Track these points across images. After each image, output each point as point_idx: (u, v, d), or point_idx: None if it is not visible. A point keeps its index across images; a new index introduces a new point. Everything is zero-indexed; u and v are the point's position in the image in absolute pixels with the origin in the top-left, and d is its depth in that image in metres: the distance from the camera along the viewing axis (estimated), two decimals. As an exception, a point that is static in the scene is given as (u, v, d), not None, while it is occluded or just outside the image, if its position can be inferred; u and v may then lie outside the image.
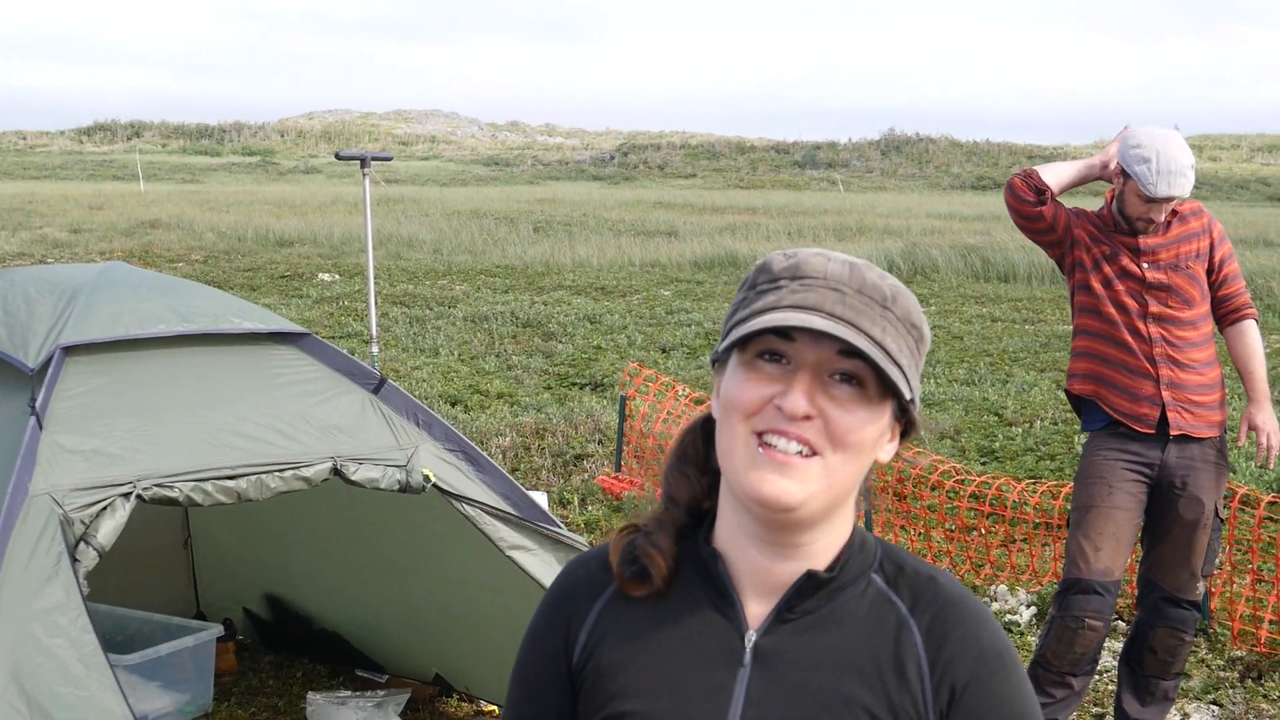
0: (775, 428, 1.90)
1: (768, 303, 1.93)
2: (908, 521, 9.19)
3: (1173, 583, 5.96)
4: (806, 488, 1.91)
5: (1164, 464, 5.83)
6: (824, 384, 1.91)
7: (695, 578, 2.06)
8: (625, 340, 17.77)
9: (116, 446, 4.60)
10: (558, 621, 2.12)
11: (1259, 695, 6.82)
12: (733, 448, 1.94)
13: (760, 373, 1.93)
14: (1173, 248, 5.86)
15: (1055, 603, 5.93)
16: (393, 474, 5.17)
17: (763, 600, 2.02)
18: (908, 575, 2.05)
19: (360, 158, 10.22)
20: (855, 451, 1.93)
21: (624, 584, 2.06)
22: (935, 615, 2.01)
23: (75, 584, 4.21)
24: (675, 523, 2.08)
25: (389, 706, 6.31)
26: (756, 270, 2.01)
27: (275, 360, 5.32)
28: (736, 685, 1.98)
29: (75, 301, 4.99)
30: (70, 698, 4.00)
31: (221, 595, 7.41)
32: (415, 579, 6.49)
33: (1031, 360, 16.67)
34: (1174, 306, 5.83)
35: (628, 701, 2.01)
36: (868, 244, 30.74)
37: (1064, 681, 5.92)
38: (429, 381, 14.56)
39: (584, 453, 11.44)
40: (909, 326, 1.96)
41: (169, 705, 6.32)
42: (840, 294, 1.92)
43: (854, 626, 2.01)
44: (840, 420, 1.91)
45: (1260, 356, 6.01)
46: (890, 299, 1.94)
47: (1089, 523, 5.84)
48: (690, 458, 2.11)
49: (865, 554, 2.05)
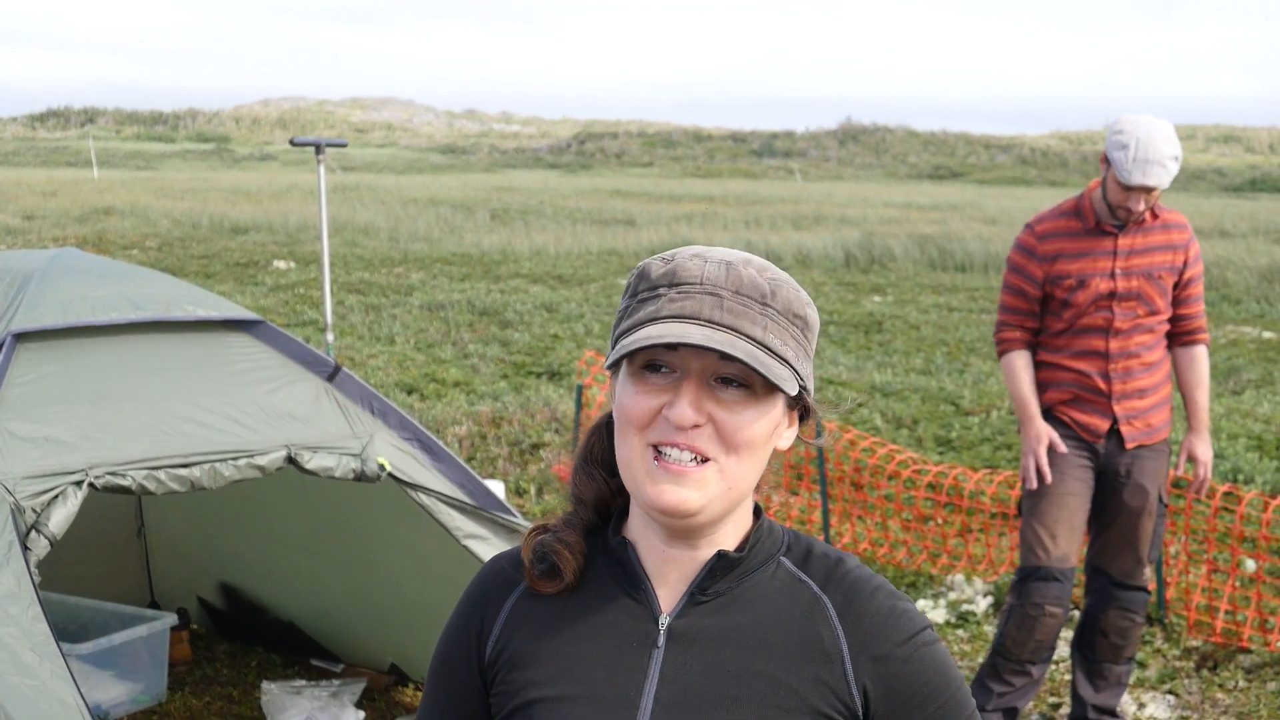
0: (667, 440, 1.94)
1: (648, 313, 1.96)
2: (864, 511, 9.19)
3: (1120, 569, 6.00)
4: (705, 494, 1.95)
5: (1108, 453, 5.86)
6: (710, 389, 1.95)
7: (606, 569, 2.09)
8: (582, 329, 17.74)
9: (69, 434, 4.55)
10: (471, 618, 2.15)
11: (1214, 685, 6.84)
12: (629, 459, 1.98)
13: (648, 384, 1.96)
14: (1150, 254, 5.83)
15: (1014, 591, 5.95)
16: (348, 462, 5.14)
17: (674, 586, 2.05)
18: (816, 557, 2.08)
19: (315, 144, 10.15)
20: (749, 450, 1.97)
21: (534, 582, 2.09)
22: (847, 592, 2.04)
23: (27, 572, 4.16)
24: (583, 521, 2.12)
25: (344, 696, 6.28)
26: (637, 277, 2.03)
27: (229, 348, 5.27)
28: (651, 666, 2.00)
29: (27, 288, 4.94)
30: (22, 687, 3.95)
31: (175, 584, 7.35)
32: (371, 568, 6.46)
33: (989, 350, 16.70)
34: (1140, 315, 5.83)
35: (540, 689, 2.03)
36: (825, 233, 30.78)
37: (1023, 670, 5.93)
38: (385, 370, 14.50)
39: (541, 441, 11.40)
40: (792, 318, 1.98)
41: (123, 695, 6.28)
42: (718, 299, 1.94)
43: (766, 606, 2.03)
44: (729, 423, 1.94)
45: (1206, 385, 6.05)
46: (769, 294, 1.96)
47: (1043, 510, 5.85)
48: (596, 457, 2.14)
49: (774, 538, 2.09)
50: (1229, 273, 23.24)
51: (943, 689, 2.04)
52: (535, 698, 2.02)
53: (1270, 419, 12.53)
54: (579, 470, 2.15)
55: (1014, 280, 5.98)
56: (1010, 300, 6.00)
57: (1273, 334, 18.46)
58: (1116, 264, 5.79)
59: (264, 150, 78.31)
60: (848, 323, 18.78)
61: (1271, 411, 12.92)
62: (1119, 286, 5.78)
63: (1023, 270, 5.94)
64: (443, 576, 5.95)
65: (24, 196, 39.12)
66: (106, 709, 6.15)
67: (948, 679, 2.05)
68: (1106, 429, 5.84)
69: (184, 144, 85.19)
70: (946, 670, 2.05)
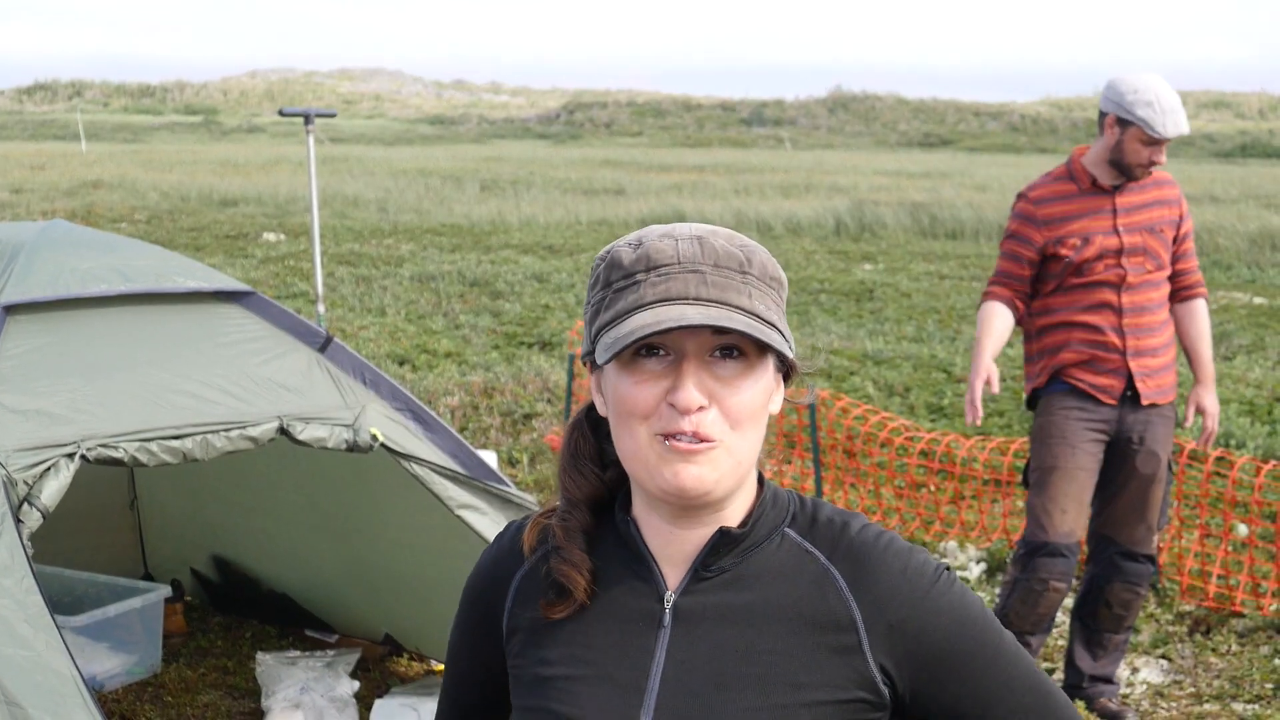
0: (674, 429, 1.92)
1: (630, 302, 1.94)
2: (857, 479, 9.19)
3: (1129, 537, 5.98)
4: (717, 471, 1.94)
5: (1121, 420, 5.85)
6: (708, 365, 1.93)
7: (612, 548, 2.07)
8: (573, 299, 17.71)
9: (60, 406, 4.54)
10: (483, 592, 2.17)
11: (1207, 649, 6.86)
12: (637, 450, 1.96)
13: (644, 371, 1.94)
14: (1148, 209, 5.87)
15: (1018, 565, 5.94)
16: (340, 433, 5.13)
17: (679, 564, 2.04)
18: (821, 525, 2.06)
19: (304, 114, 10.10)
20: (751, 422, 1.97)
21: (546, 610, 2.07)
22: (856, 560, 2.02)
23: (20, 545, 4.16)
24: (583, 527, 2.09)
25: (339, 666, 6.28)
26: (607, 266, 2.00)
27: (220, 319, 5.26)
28: (657, 646, 2.00)
29: (16, 260, 4.92)
30: (17, 659, 3.95)
31: (169, 556, 7.35)
32: (364, 539, 6.45)
33: (979, 317, 16.68)
34: (1148, 269, 5.84)
35: (552, 668, 2.04)
36: (815, 202, 30.74)
37: (1024, 641, 5.95)
38: (376, 341, 14.48)
39: (533, 411, 11.40)
40: (769, 281, 1.98)
41: (117, 667, 6.28)
42: (700, 274, 1.93)
43: (772, 580, 2.02)
44: (732, 400, 1.94)
45: (1208, 338, 6.07)
46: (746, 262, 1.96)
47: (1053, 484, 5.84)
48: (584, 452, 2.12)
49: (778, 508, 2.07)
50: (1220, 238, 23.25)
51: (966, 635, 2.01)
52: (547, 676, 2.03)
53: (1261, 384, 12.55)
54: (568, 470, 2.12)
55: (1010, 246, 5.97)
56: (1004, 265, 6.00)
57: (1264, 299, 18.47)
58: (1118, 221, 5.81)
59: (252, 122, 78.07)
60: (839, 291, 18.76)
61: (1263, 377, 12.94)
62: (1124, 242, 5.79)
63: (1019, 235, 5.93)
64: (436, 547, 5.96)
65: (11, 170, 38.99)
66: (101, 681, 6.15)
67: (970, 622, 2.01)
68: (1121, 389, 5.83)
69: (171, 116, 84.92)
70: (966, 612, 2.02)
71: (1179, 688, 6.49)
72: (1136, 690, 6.46)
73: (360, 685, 6.21)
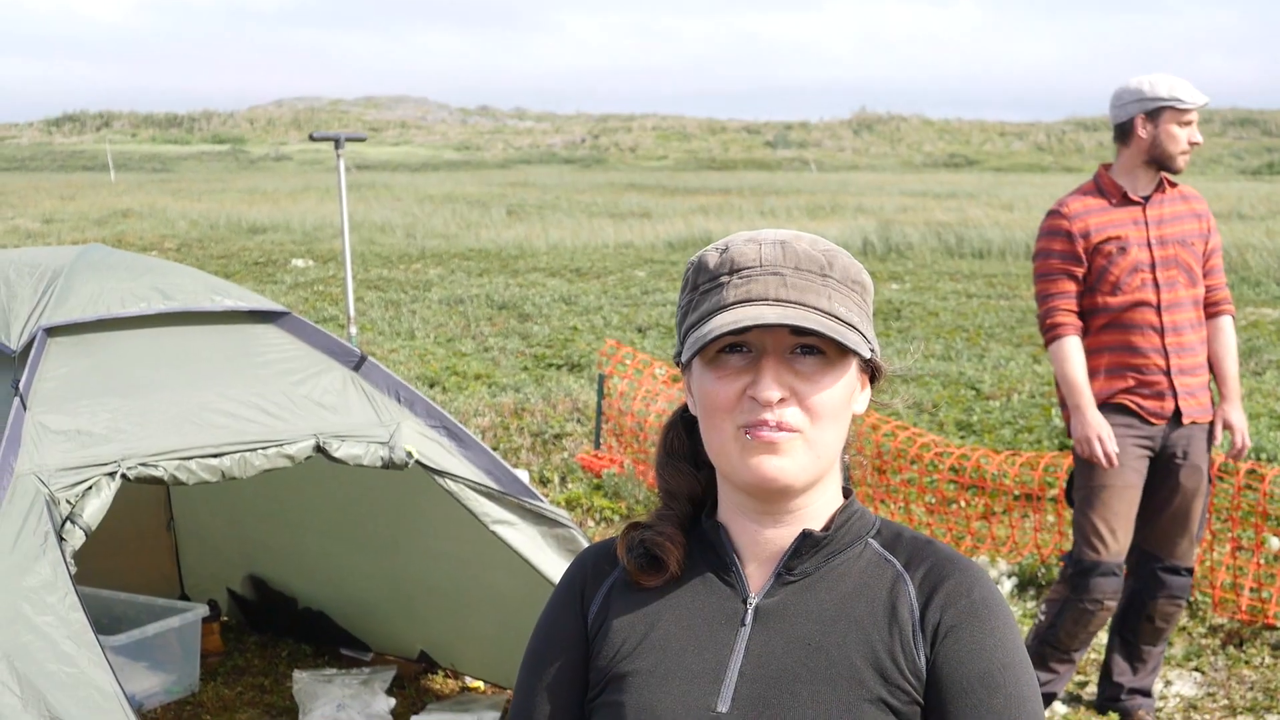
0: (755, 420, 1.98)
1: (714, 303, 2.01)
2: (887, 495, 9.20)
3: (1172, 551, 5.98)
4: (797, 462, 2.00)
5: (1166, 436, 5.84)
6: (788, 362, 2.00)
7: (698, 552, 2.14)
8: (601, 320, 17.77)
9: (100, 426, 4.59)
10: (572, 595, 2.21)
11: (1240, 662, 6.86)
12: (722, 444, 2.03)
13: (727, 368, 2.01)
14: (1179, 222, 5.85)
15: (1069, 585, 5.89)
16: (375, 450, 5.16)
17: (763, 566, 2.10)
18: (905, 540, 2.12)
19: (334, 138, 10.19)
20: (832, 418, 2.02)
21: (636, 575, 2.14)
22: (930, 568, 2.07)
23: (63, 563, 4.20)
24: (679, 514, 2.17)
25: (375, 683, 6.32)
26: (694, 270, 2.09)
27: (256, 339, 5.31)
28: (737, 642, 2.06)
29: (56, 283, 4.97)
30: (61, 675, 3.99)
31: (205, 577, 7.40)
32: (399, 556, 6.49)
33: (1007, 335, 16.70)
34: (1182, 284, 5.81)
35: (631, 662, 2.09)
36: (841, 223, 30.78)
37: (1070, 658, 5.97)
38: (406, 364, 14.54)
39: (563, 431, 11.44)
40: (851, 284, 2.04)
41: (156, 686, 6.33)
42: (780, 277, 2.00)
43: (850, 583, 2.07)
44: (811, 394, 2.00)
45: (1235, 355, 6.04)
46: (827, 265, 2.03)
47: (1104, 503, 5.81)
48: (678, 451, 2.20)
49: (864, 521, 2.13)
50: (1248, 255, 23.18)
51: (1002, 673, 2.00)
52: (627, 670, 2.08)
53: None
54: (664, 466, 2.20)
55: (1058, 265, 5.82)
56: (1057, 286, 5.83)
57: (1292, 315, 18.43)
58: (1150, 233, 5.78)
59: (279, 150, 78.44)
60: (866, 310, 18.74)
61: (1292, 391, 12.92)
62: (1156, 256, 5.77)
63: (1066, 254, 5.80)
64: (471, 563, 5.99)
65: (42, 200, 39.28)
66: (140, 700, 6.20)
67: (1014, 666, 2.01)
68: (1169, 410, 5.82)
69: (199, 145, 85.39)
70: (1008, 652, 2.02)
71: (1212, 700, 6.49)
72: (1170, 703, 6.46)
73: (396, 702, 6.25)
